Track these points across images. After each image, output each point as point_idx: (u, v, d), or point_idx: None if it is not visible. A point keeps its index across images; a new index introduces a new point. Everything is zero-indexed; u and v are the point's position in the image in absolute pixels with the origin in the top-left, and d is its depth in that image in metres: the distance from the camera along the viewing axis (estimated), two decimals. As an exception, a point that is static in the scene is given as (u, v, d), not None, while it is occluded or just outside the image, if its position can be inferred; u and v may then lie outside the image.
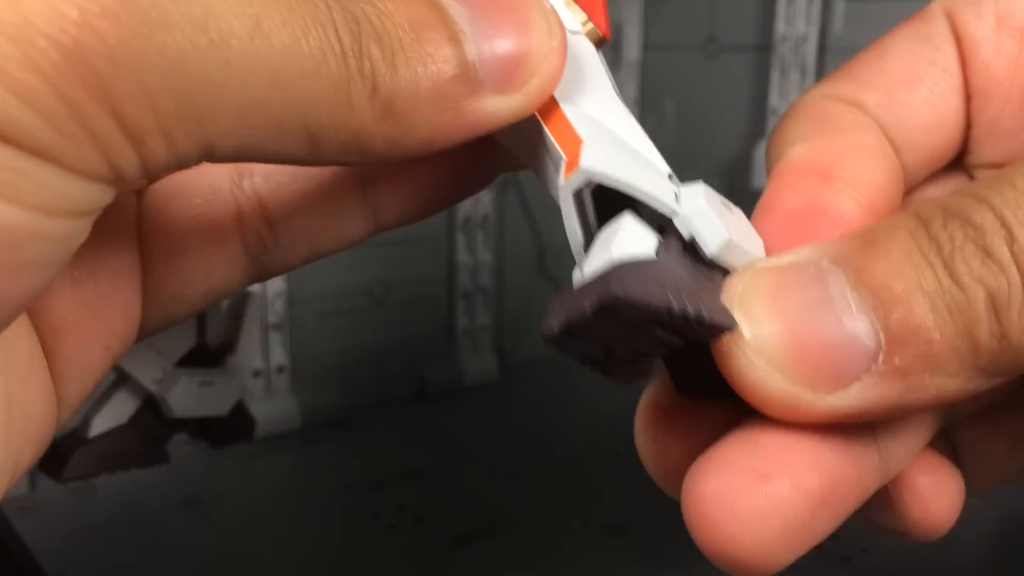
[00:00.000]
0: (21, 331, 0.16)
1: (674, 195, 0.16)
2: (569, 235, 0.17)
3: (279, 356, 0.48)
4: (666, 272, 0.14)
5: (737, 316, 0.15)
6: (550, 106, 0.17)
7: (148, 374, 0.33)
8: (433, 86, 0.15)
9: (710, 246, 0.15)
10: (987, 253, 0.14)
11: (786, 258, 0.15)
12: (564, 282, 0.59)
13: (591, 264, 0.15)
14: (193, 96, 0.12)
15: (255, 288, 0.46)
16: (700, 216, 0.15)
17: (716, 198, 0.16)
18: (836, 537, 0.20)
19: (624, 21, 0.58)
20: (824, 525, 0.15)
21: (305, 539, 0.38)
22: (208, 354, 0.35)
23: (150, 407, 0.34)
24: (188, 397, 0.34)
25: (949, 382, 0.14)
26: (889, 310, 0.14)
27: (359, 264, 0.50)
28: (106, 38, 0.12)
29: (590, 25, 0.19)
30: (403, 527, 0.38)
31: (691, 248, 0.16)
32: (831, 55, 0.49)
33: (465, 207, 0.53)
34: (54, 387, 0.17)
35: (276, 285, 0.47)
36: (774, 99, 0.51)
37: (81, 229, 0.13)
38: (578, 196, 0.16)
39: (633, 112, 0.18)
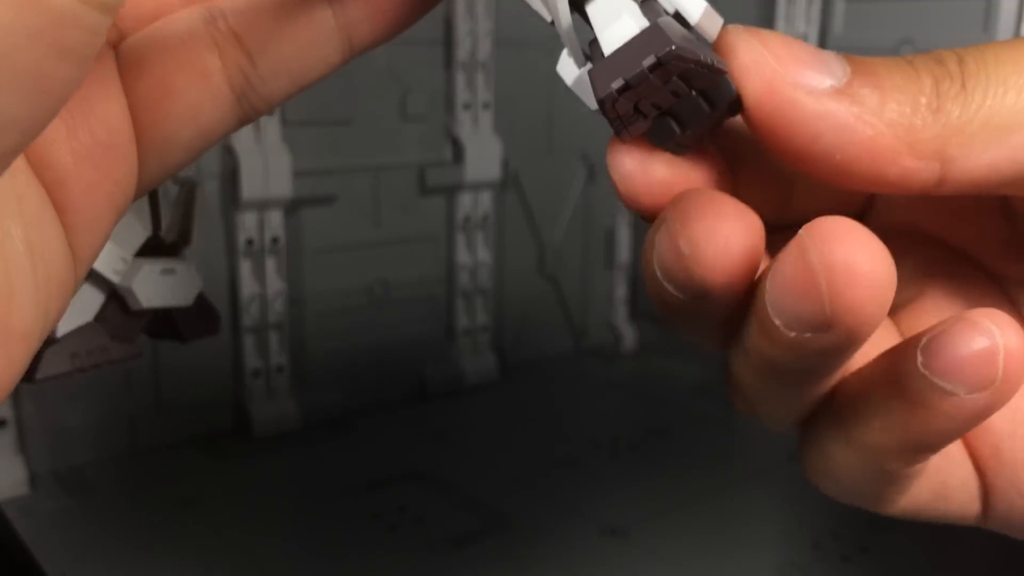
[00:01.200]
0: (29, 183, 0.17)
1: None
2: (562, 25, 0.18)
3: (279, 356, 0.48)
4: (685, 33, 0.17)
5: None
6: None
7: (109, 266, 0.33)
8: None
9: (693, 16, 0.18)
10: (938, 61, 0.18)
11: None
12: (564, 282, 0.59)
13: (610, 34, 0.17)
14: None
15: (256, 289, 0.46)
16: None
17: None
18: (836, 537, 0.20)
19: (624, 21, 0.58)
20: None
21: (305, 539, 0.38)
22: (164, 246, 0.35)
23: (115, 300, 0.34)
24: (152, 285, 0.34)
25: (889, 134, 0.17)
26: (858, 61, 0.18)
27: (359, 264, 0.50)
28: None
29: None
30: (403, 527, 0.38)
31: (677, 19, 0.18)
32: (831, 55, 0.49)
33: (465, 207, 0.53)
34: (67, 240, 0.18)
35: (276, 285, 0.47)
36: (774, 99, 0.51)
37: (103, 25, 0.14)
38: None
39: None
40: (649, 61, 0.16)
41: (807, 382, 0.19)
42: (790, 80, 0.17)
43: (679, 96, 0.17)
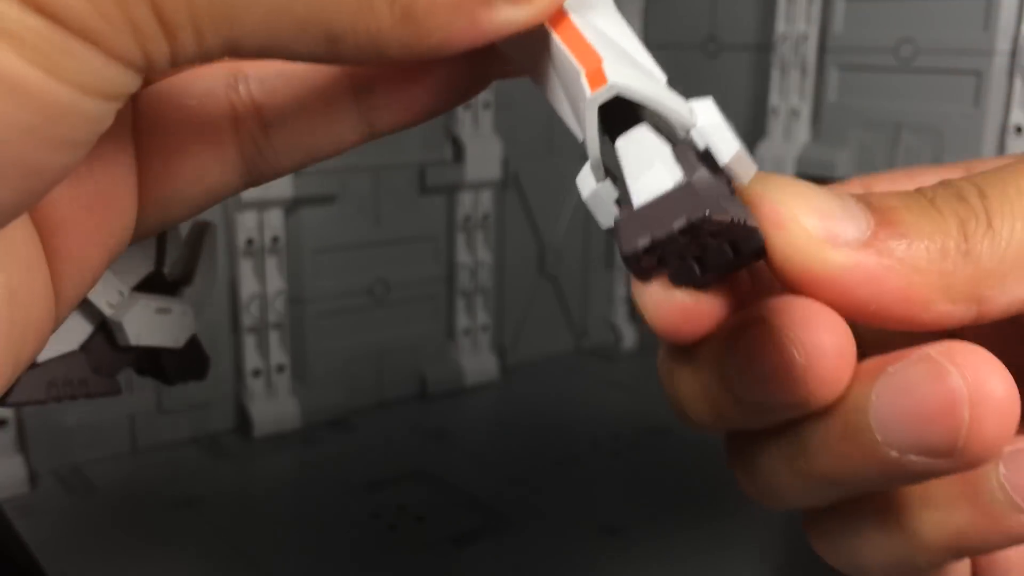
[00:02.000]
0: (22, 226, 0.16)
1: (689, 109, 0.18)
2: (589, 145, 0.18)
3: (279, 356, 0.48)
4: (719, 188, 0.17)
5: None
6: (559, 16, 0.18)
7: (103, 296, 0.32)
8: None
9: (724, 157, 0.17)
10: (959, 198, 0.17)
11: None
12: (564, 281, 0.59)
13: (644, 186, 0.17)
14: None
15: (256, 288, 0.46)
16: (716, 129, 0.17)
17: (719, 110, 0.18)
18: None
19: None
20: None
21: (305, 539, 0.38)
22: (165, 283, 0.34)
23: (103, 333, 0.33)
24: (144, 322, 0.33)
25: (920, 281, 0.17)
26: (881, 209, 0.17)
27: (359, 264, 0.50)
28: None
29: None
30: (403, 527, 0.38)
31: (705, 157, 0.17)
32: (831, 54, 0.49)
33: (465, 207, 0.53)
34: (52, 284, 0.17)
35: (276, 285, 0.47)
36: (774, 98, 0.51)
37: (108, 113, 0.14)
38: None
39: None
40: (680, 224, 0.16)
41: (874, 490, 0.19)
42: (816, 236, 0.17)
43: (705, 248, 0.17)
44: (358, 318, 0.50)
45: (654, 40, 0.59)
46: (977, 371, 0.15)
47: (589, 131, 0.18)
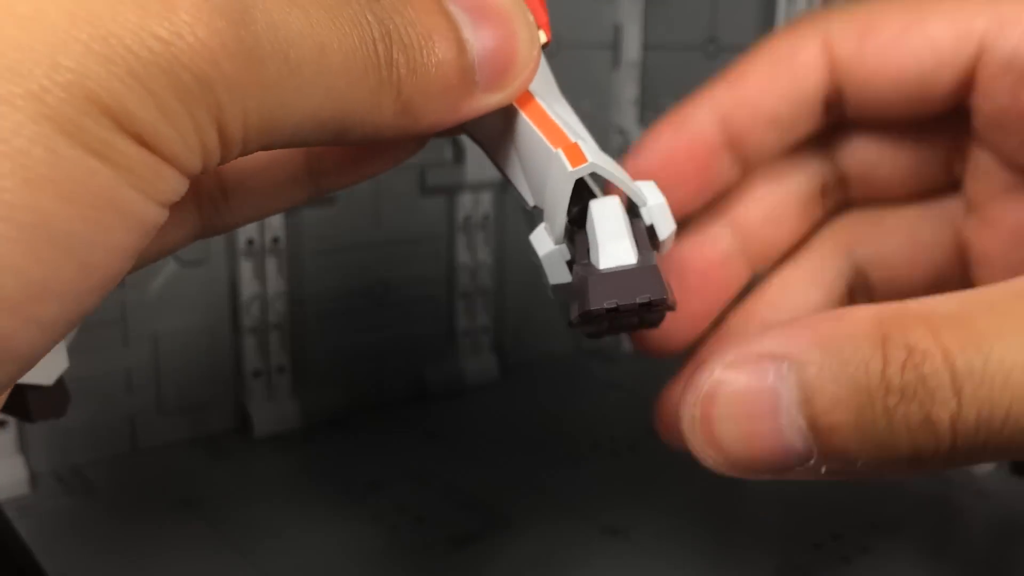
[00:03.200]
0: None
1: (639, 188, 0.21)
2: (557, 214, 0.20)
3: (279, 357, 0.48)
4: (658, 271, 0.19)
5: (699, 415, 0.18)
6: (526, 98, 0.21)
7: None
8: (441, 87, 0.18)
9: (662, 235, 0.21)
10: (928, 420, 0.16)
11: (748, 360, 0.18)
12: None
13: (611, 254, 0.19)
14: (273, 114, 0.16)
15: (256, 289, 0.46)
16: (660, 210, 0.21)
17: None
18: (836, 537, 0.20)
19: (624, 21, 0.58)
20: None
21: (305, 539, 0.38)
22: None
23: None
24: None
25: (862, 470, 0.17)
26: (824, 438, 0.17)
27: (359, 264, 0.50)
28: (226, 72, 0.15)
29: (539, 30, 0.22)
30: (403, 527, 0.38)
31: (650, 231, 0.21)
32: (831, 55, 0.49)
33: (465, 207, 0.53)
34: None
35: (276, 285, 0.47)
36: (774, 99, 0.51)
37: (161, 222, 0.16)
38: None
39: (633, 112, 0.21)
40: (643, 299, 0.19)
41: None
42: (755, 475, 0.18)
43: (626, 314, 0.19)
44: (358, 318, 0.50)
45: (654, 41, 0.59)
46: None
47: (562, 202, 0.20)
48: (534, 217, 0.22)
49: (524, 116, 0.20)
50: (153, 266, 0.43)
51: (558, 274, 0.21)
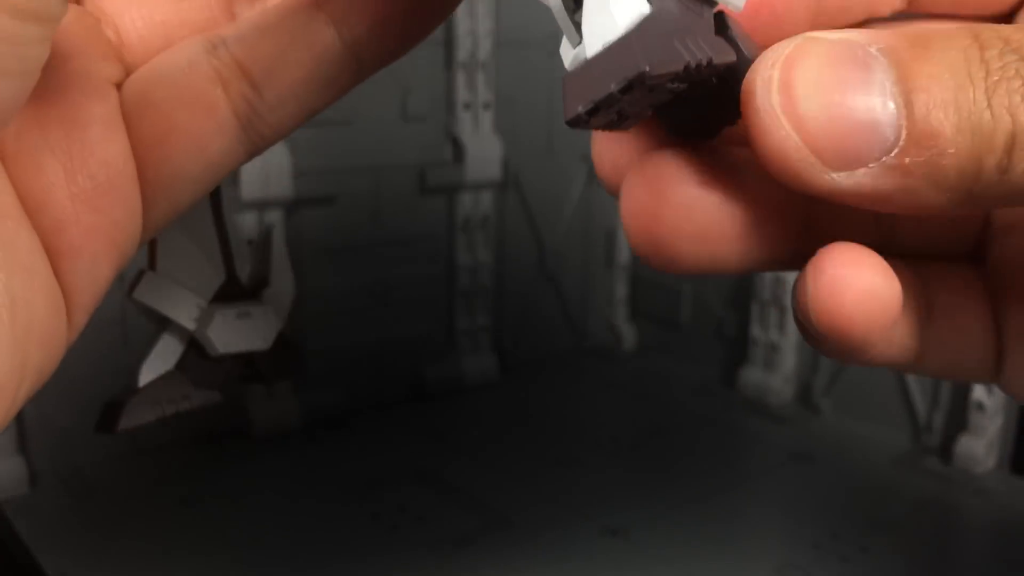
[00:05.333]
0: (20, 229, 0.16)
1: None
2: (557, 15, 0.16)
3: (279, 356, 0.48)
4: (671, 24, 0.15)
5: (778, 76, 0.15)
6: None
7: (186, 313, 0.33)
8: None
9: None
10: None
11: (837, 34, 0.15)
12: (564, 282, 0.59)
13: (593, 30, 0.15)
14: None
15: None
16: None
17: None
18: (836, 537, 0.20)
19: (624, 21, 0.58)
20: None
21: (305, 539, 0.38)
22: (241, 290, 0.35)
23: (194, 348, 0.34)
24: (228, 330, 0.34)
25: (941, 196, 0.15)
26: (919, 111, 0.15)
27: (359, 264, 0.50)
28: None
29: None
30: (403, 527, 0.38)
31: None
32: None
33: (465, 207, 0.53)
34: (61, 286, 0.17)
35: (276, 285, 0.47)
36: (774, 99, 0.51)
37: (46, 38, 0.14)
38: None
39: None
40: (618, 84, 0.14)
41: None
42: (822, 169, 0.15)
43: (695, 85, 0.15)
44: (358, 318, 0.50)
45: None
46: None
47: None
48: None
49: None
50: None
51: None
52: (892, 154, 0.15)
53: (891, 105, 0.15)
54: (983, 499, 0.41)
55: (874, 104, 0.15)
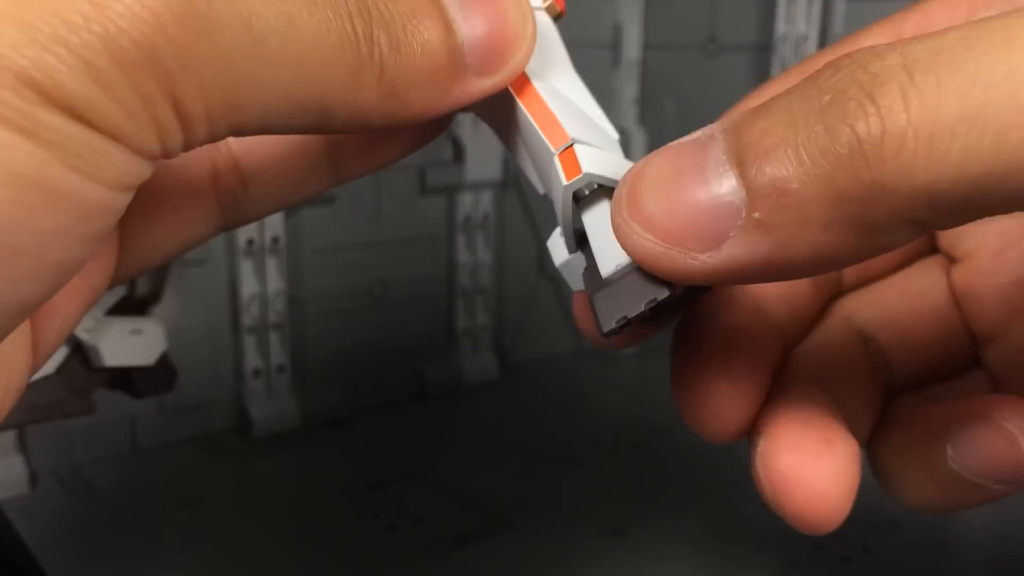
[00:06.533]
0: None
1: None
2: (563, 224, 0.19)
3: (279, 356, 0.48)
4: None
5: (626, 190, 0.17)
6: (522, 81, 0.19)
7: (81, 323, 0.33)
8: (428, 70, 0.17)
9: None
10: (870, 98, 0.14)
11: (694, 133, 0.17)
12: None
13: (604, 252, 0.18)
14: (236, 88, 0.15)
15: (256, 289, 0.46)
16: None
17: None
18: (836, 537, 0.20)
19: (624, 21, 0.58)
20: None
21: (305, 539, 0.38)
22: (135, 303, 0.35)
23: (79, 355, 0.34)
24: (118, 346, 0.34)
25: (820, 236, 0.15)
26: (750, 165, 0.15)
27: (359, 264, 0.50)
28: (175, 39, 0.14)
29: (550, 1, 0.21)
30: (403, 527, 0.38)
31: None
32: (831, 55, 0.49)
33: (465, 207, 0.53)
34: (32, 337, 0.18)
35: (276, 285, 0.47)
36: (774, 99, 0.51)
37: (127, 202, 0.15)
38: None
39: (633, 112, 0.20)
40: (649, 304, 0.17)
41: None
42: (690, 256, 0.16)
43: (656, 310, 0.18)
44: (358, 318, 0.50)
45: (654, 41, 0.59)
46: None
47: (564, 213, 0.19)
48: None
49: (521, 106, 0.19)
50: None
51: (577, 282, 0.20)
52: (743, 216, 0.15)
53: (726, 173, 0.15)
54: (983, 499, 0.41)
55: (709, 181, 0.15)
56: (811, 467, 0.19)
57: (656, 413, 0.50)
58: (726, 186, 0.15)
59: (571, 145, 0.19)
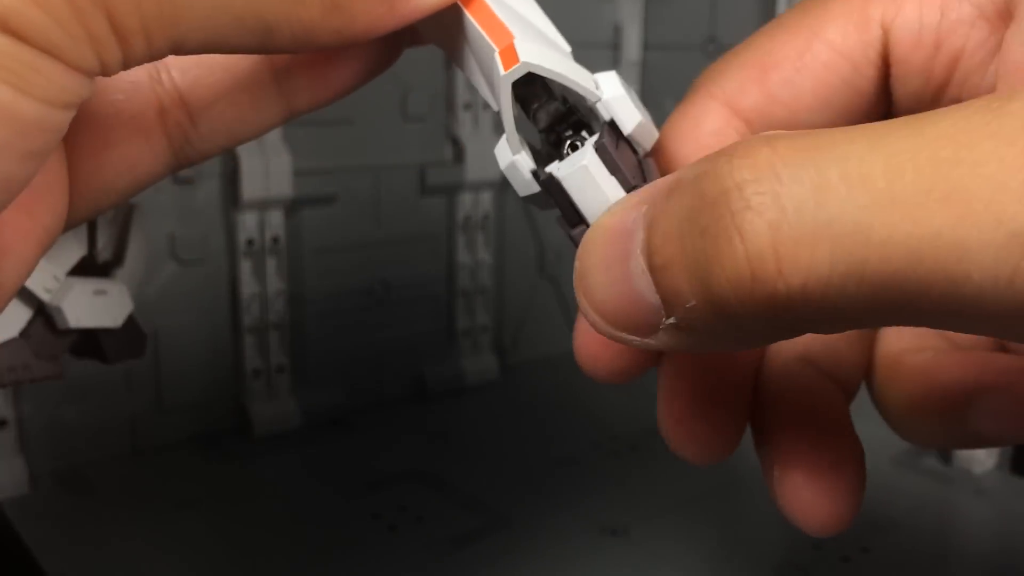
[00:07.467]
0: None
1: (594, 82, 0.19)
2: (505, 119, 0.19)
3: (279, 356, 0.48)
4: (613, 163, 0.18)
5: (577, 266, 0.17)
6: None
7: (40, 283, 0.32)
8: None
9: (627, 127, 0.19)
10: (739, 231, 0.14)
11: (620, 205, 0.17)
12: (564, 282, 0.59)
13: (594, 206, 0.18)
14: (173, 2, 0.14)
15: (256, 289, 0.46)
16: (619, 102, 0.19)
17: (622, 82, 0.19)
18: (836, 537, 0.20)
19: (624, 21, 0.58)
20: None
21: (305, 539, 0.38)
22: (97, 266, 0.35)
23: (42, 318, 0.34)
24: (82, 305, 0.33)
25: (730, 338, 0.16)
26: (658, 273, 0.15)
27: (359, 264, 0.50)
28: None
29: None
30: (403, 527, 0.38)
31: (612, 127, 0.19)
32: (831, 55, 0.49)
33: (465, 207, 0.53)
34: None
35: (276, 285, 0.47)
36: (774, 99, 0.51)
37: (67, 121, 0.15)
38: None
39: None
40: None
41: None
42: (629, 337, 0.16)
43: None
44: (358, 318, 0.50)
45: (654, 41, 0.59)
46: None
47: (504, 107, 0.19)
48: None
49: (468, 15, 0.19)
50: (153, 266, 0.43)
51: (523, 185, 0.19)
52: (664, 320, 0.15)
53: (645, 273, 0.16)
54: (983, 499, 0.41)
55: (633, 277, 0.16)
56: (828, 496, 0.20)
57: (656, 413, 0.50)
58: (646, 287, 0.16)
59: (512, 42, 0.18)
